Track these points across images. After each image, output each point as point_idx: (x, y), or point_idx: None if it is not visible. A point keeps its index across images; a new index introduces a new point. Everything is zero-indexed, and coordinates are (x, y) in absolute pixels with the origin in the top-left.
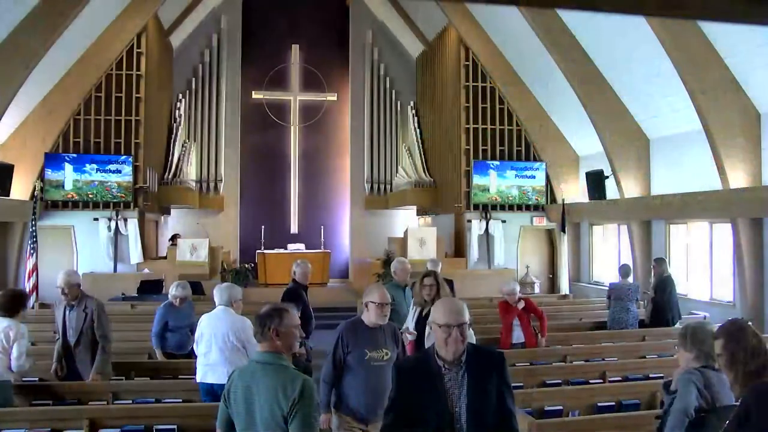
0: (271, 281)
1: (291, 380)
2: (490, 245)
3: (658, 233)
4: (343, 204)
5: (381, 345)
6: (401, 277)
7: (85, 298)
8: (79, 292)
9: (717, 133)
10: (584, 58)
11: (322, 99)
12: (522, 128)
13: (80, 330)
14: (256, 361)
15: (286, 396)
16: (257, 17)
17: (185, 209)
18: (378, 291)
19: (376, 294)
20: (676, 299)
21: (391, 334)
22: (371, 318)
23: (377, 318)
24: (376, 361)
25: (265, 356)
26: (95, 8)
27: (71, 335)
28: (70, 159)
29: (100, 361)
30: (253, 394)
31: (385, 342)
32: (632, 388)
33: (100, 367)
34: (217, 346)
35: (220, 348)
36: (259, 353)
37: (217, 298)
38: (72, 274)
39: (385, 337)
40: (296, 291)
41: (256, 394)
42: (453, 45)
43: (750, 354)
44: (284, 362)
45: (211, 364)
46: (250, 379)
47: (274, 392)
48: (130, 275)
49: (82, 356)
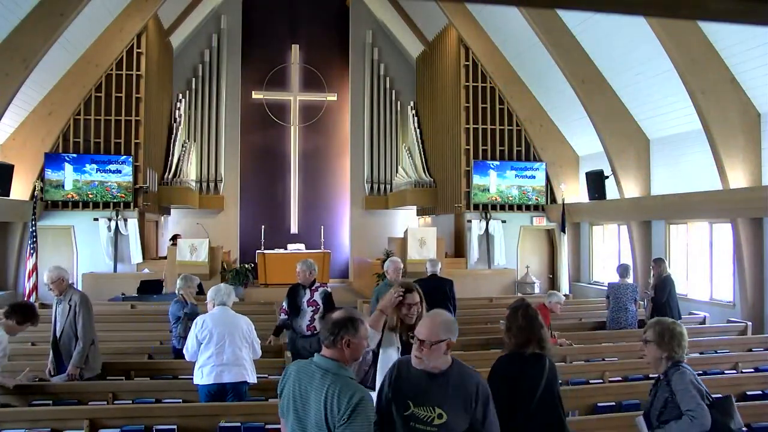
0: (271, 281)
1: (349, 392)
2: (490, 245)
3: (658, 233)
4: (343, 204)
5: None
6: (393, 276)
7: (70, 292)
8: (65, 287)
9: (717, 133)
10: (584, 58)
11: (322, 99)
12: (522, 128)
13: (63, 324)
14: (317, 365)
15: (340, 406)
16: (257, 17)
17: (185, 209)
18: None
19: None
20: (675, 299)
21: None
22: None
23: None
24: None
25: (329, 363)
26: (95, 8)
27: (58, 329)
28: (70, 159)
29: (76, 354)
30: (310, 398)
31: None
32: (632, 388)
33: (77, 360)
34: (232, 345)
35: (236, 347)
36: (323, 358)
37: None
38: (54, 269)
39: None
40: (292, 288)
41: (313, 398)
42: (453, 45)
43: (517, 330)
44: (347, 372)
45: (225, 363)
46: (309, 382)
47: (329, 401)
48: (130, 275)
49: (67, 350)
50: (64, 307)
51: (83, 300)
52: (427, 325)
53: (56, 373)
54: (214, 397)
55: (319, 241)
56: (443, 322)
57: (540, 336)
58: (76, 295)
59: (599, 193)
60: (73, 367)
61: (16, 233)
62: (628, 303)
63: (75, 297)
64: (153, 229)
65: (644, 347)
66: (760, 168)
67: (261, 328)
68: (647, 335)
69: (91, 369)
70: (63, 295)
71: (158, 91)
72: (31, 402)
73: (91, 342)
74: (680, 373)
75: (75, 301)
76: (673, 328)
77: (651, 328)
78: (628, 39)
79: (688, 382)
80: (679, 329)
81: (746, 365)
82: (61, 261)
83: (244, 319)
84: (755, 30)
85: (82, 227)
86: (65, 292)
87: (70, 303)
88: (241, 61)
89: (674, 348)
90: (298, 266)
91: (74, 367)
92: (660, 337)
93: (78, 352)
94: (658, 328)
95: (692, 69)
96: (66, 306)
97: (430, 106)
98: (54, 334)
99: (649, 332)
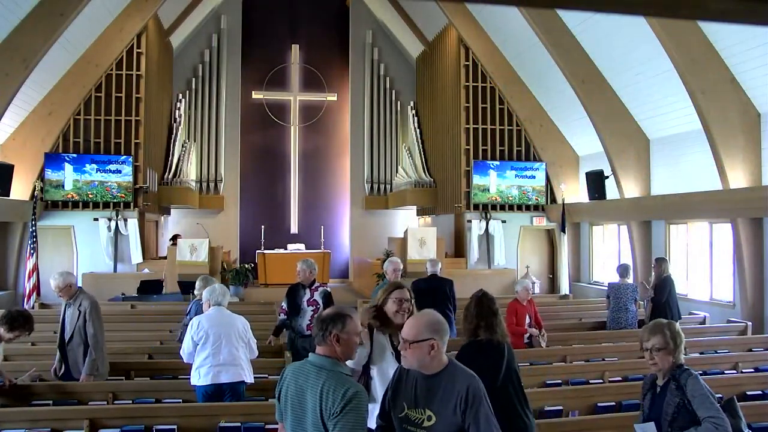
0: (271, 281)
1: (343, 387)
2: (490, 245)
3: (658, 233)
4: (343, 204)
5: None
6: (392, 276)
7: (81, 296)
8: (74, 291)
9: (717, 133)
10: (584, 58)
11: (322, 99)
12: (522, 128)
13: (73, 328)
14: (312, 363)
15: (334, 401)
16: (257, 17)
17: (185, 209)
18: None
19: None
20: (675, 299)
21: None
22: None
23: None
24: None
25: (323, 360)
26: (95, 8)
27: (67, 332)
28: (70, 159)
29: (88, 363)
30: (306, 397)
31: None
32: (632, 388)
33: (89, 368)
34: (228, 345)
35: (233, 347)
36: (317, 356)
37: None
38: (59, 276)
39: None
40: (292, 287)
41: (309, 397)
42: (453, 45)
43: (470, 317)
44: (341, 369)
45: (222, 364)
46: (305, 381)
47: (324, 397)
48: (130, 275)
49: (75, 354)
50: (74, 312)
51: (93, 306)
52: (411, 323)
53: (62, 375)
54: (212, 397)
55: (319, 241)
56: (428, 321)
57: (489, 322)
58: (87, 301)
59: (599, 193)
60: (86, 376)
61: (16, 233)
62: (629, 303)
63: (85, 302)
64: (153, 229)
65: (654, 356)
66: (760, 168)
67: (261, 328)
68: (655, 343)
69: (101, 375)
70: (73, 299)
71: (158, 91)
72: (31, 402)
73: (101, 348)
74: (694, 378)
75: (85, 307)
76: (679, 330)
77: (657, 335)
78: (628, 39)
79: (705, 387)
80: (680, 330)
81: (746, 365)
82: (61, 261)
83: (239, 318)
84: (755, 30)
85: (82, 227)
86: (75, 296)
87: (80, 308)
88: (241, 61)
89: (681, 351)
90: (299, 265)
91: (87, 375)
92: (672, 343)
93: (90, 360)
94: (668, 334)
95: (692, 69)
96: (75, 311)
97: (430, 106)
98: (62, 336)
99: (655, 339)
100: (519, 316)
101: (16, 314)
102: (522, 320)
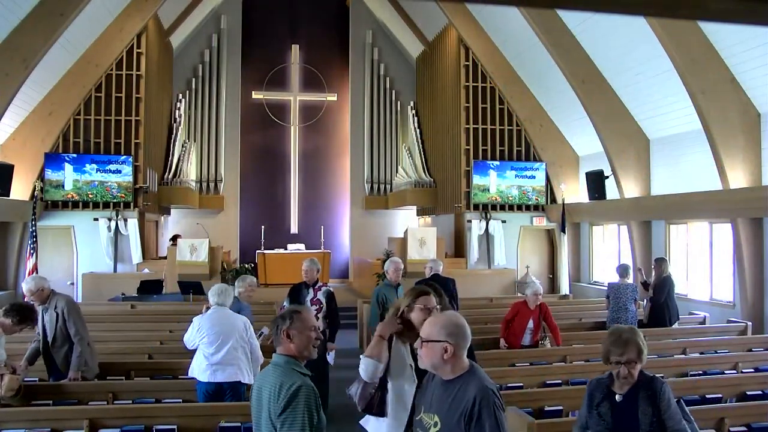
0: (271, 281)
1: (289, 381)
2: (490, 245)
3: (658, 233)
4: (343, 204)
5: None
6: (393, 276)
7: (54, 298)
8: (47, 294)
9: (717, 133)
10: (584, 58)
11: (322, 99)
12: (522, 128)
13: (54, 330)
14: (272, 363)
15: (278, 398)
16: (257, 17)
17: (185, 209)
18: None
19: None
20: (674, 300)
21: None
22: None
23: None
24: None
25: (278, 358)
26: (95, 8)
27: (49, 336)
28: (70, 159)
29: (75, 359)
30: (262, 395)
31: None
32: None
33: (77, 364)
34: (228, 345)
35: (231, 347)
36: (276, 355)
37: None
38: (30, 280)
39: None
40: (294, 287)
41: (264, 395)
42: (453, 45)
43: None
44: (293, 365)
45: (219, 363)
46: (263, 381)
47: (273, 394)
48: (130, 275)
49: (61, 355)
50: (51, 314)
51: (69, 304)
52: (430, 320)
53: (49, 376)
54: (212, 396)
55: (319, 241)
56: (445, 323)
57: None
58: (62, 301)
59: (599, 193)
60: (74, 371)
61: (16, 233)
62: (628, 303)
63: (60, 303)
64: (153, 229)
65: (631, 368)
66: (760, 168)
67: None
68: (632, 356)
69: (91, 370)
70: (47, 302)
71: (158, 91)
72: (31, 402)
73: (86, 344)
74: (666, 386)
75: (62, 307)
76: (642, 339)
77: (631, 347)
78: (627, 39)
79: (673, 397)
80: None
81: (746, 365)
82: (61, 261)
83: (241, 319)
84: (755, 30)
85: (82, 227)
86: (49, 300)
87: (56, 310)
88: (241, 61)
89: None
90: (306, 264)
91: (75, 371)
92: (644, 351)
93: (77, 356)
94: (640, 343)
95: (692, 69)
96: (53, 313)
97: (430, 106)
98: (45, 340)
99: (632, 353)
100: (520, 317)
101: (24, 305)
102: (523, 322)
